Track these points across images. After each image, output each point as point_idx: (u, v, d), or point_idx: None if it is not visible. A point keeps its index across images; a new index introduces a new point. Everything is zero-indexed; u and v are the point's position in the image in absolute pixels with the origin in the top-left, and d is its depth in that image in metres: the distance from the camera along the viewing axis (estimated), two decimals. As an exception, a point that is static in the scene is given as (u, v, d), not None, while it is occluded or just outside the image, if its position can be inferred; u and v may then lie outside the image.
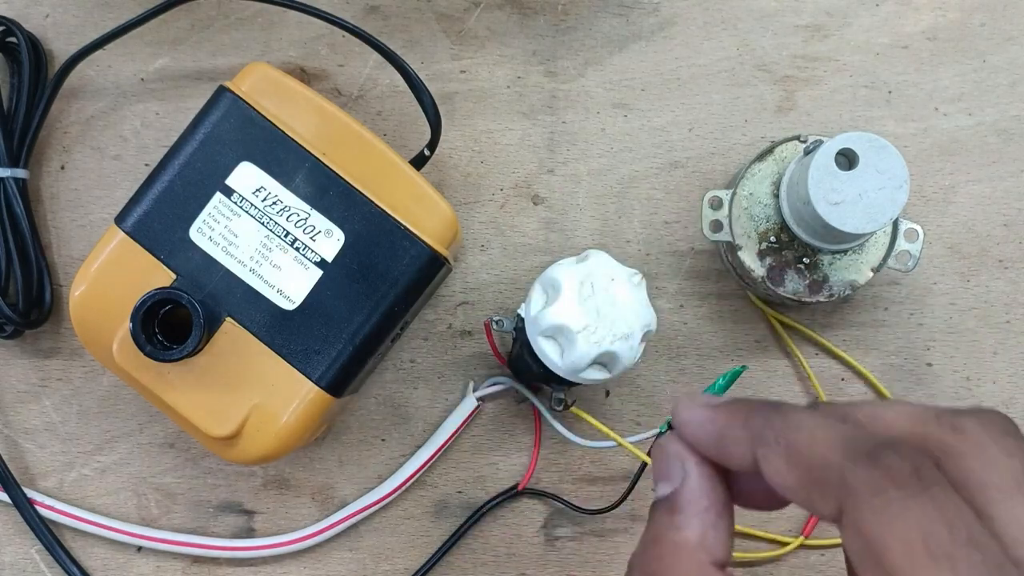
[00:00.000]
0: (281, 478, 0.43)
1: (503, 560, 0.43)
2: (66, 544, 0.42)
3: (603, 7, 0.45)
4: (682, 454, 0.26)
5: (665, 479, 0.26)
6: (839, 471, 0.21)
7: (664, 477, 0.26)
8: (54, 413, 0.43)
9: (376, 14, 0.45)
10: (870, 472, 0.21)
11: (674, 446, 0.26)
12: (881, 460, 0.21)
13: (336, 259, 0.37)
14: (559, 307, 0.34)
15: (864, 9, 0.45)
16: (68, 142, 0.44)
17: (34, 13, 0.45)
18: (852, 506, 0.21)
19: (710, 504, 0.25)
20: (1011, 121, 0.44)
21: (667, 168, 0.44)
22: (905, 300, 0.44)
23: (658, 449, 0.27)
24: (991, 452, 0.22)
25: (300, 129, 0.37)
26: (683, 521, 0.25)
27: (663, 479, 0.26)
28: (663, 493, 0.26)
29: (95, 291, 0.36)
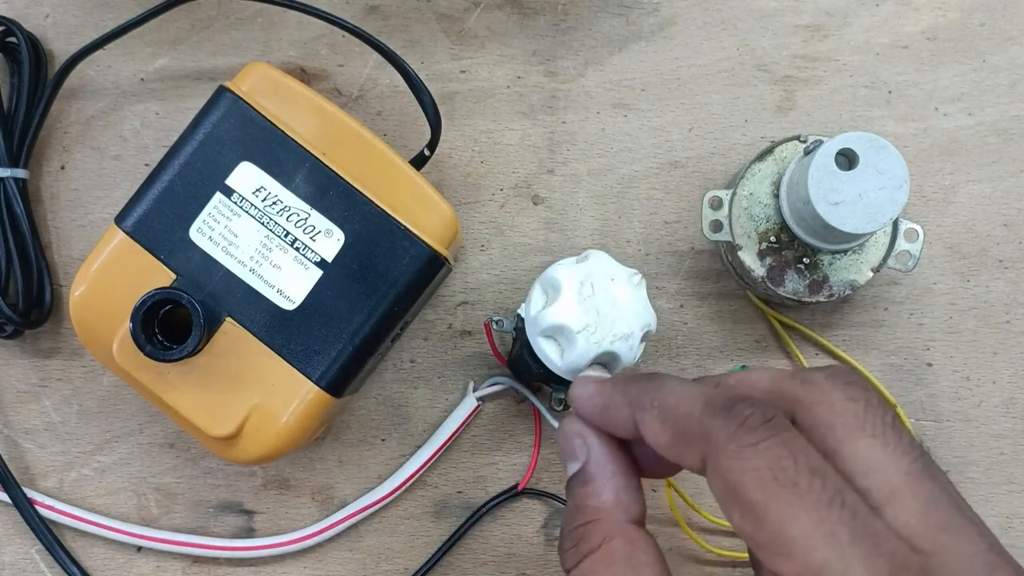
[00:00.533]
0: (281, 478, 0.43)
1: (503, 560, 0.43)
2: (66, 544, 0.42)
3: (603, 7, 0.45)
4: (582, 432, 0.29)
5: (572, 458, 0.29)
6: (700, 424, 0.24)
7: (571, 456, 0.29)
8: (54, 413, 0.43)
9: (376, 14, 0.45)
10: (726, 422, 0.24)
11: (574, 426, 0.29)
12: (735, 412, 0.24)
13: (336, 259, 0.37)
14: (559, 307, 0.34)
15: (864, 9, 0.45)
16: (68, 142, 0.44)
17: (34, 13, 0.45)
18: (712, 453, 0.24)
19: (616, 470, 0.28)
20: (1011, 121, 0.44)
21: (667, 168, 0.44)
22: (905, 300, 0.44)
23: (560, 432, 0.29)
24: (835, 398, 0.25)
25: (300, 129, 0.37)
26: (596, 488, 0.28)
27: (570, 458, 0.29)
28: (573, 470, 0.28)
29: (95, 291, 0.36)
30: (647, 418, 0.26)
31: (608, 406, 0.28)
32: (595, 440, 0.28)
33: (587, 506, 0.27)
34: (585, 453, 0.28)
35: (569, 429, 0.29)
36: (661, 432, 0.26)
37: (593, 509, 0.27)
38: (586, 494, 0.28)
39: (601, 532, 0.26)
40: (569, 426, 0.29)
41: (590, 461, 0.28)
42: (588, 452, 0.28)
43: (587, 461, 0.28)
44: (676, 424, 0.25)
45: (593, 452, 0.28)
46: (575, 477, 0.28)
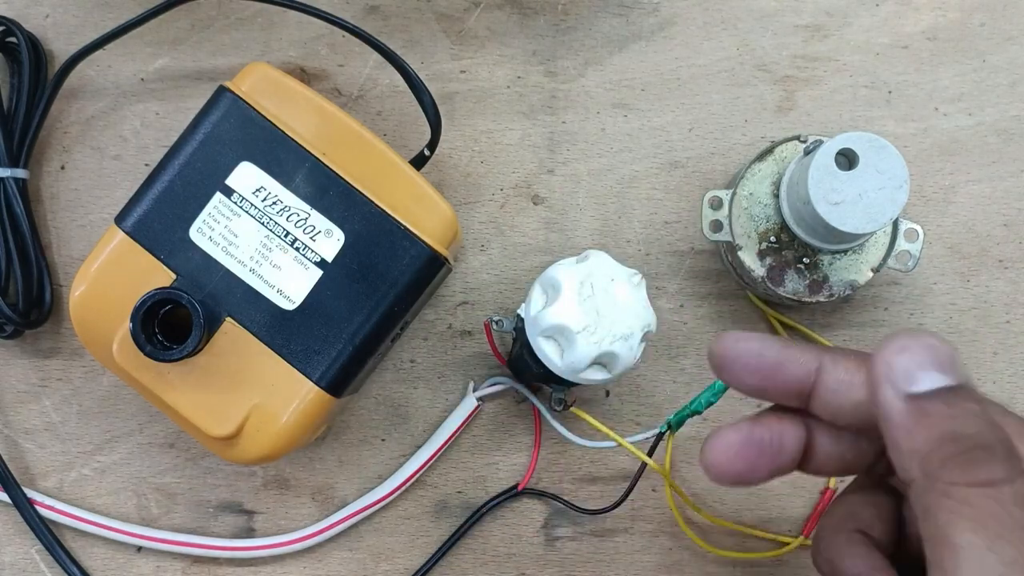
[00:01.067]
0: (281, 478, 0.43)
1: (503, 560, 0.43)
2: (66, 544, 0.42)
3: (603, 7, 0.45)
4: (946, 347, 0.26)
5: (944, 368, 0.25)
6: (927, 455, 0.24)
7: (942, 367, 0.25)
8: (54, 413, 0.43)
9: (376, 14, 0.45)
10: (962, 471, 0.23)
11: (931, 337, 0.26)
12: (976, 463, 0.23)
13: (336, 259, 0.37)
14: (559, 307, 0.34)
15: (864, 9, 0.45)
16: (68, 142, 0.44)
17: (34, 13, 0.45)
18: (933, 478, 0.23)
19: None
20: (1011, 121, 0.44)
21: (667, 168, 0.44)
22: (905, 300, 0.44)
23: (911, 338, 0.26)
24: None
25: (300, 129, 0.37)
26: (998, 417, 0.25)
27: (941, 368, 0.25)
28: (945, 382, 0.25)
29: (95, 291, 0.36)
30: (843, 357, 0.26)
31: (789, 350, 0.27)
32: (965, 368, 0.26)
33: (1001, 426, 0.25)
34: (962, 372, 0.25)
35: (942, 341, 0.26)
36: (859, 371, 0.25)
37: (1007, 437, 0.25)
38: (996, 412, 0.26)
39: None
40: (939, 339, 0.26)
41: (974, 385, 0.26)
42: (965, 374, 0.26)
43: (970, 382, 0.26)
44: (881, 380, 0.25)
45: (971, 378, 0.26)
46: (962, 389, 0.25)
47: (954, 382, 0.25)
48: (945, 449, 0.24)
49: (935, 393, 0.25)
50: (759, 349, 0.28)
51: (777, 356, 0.27)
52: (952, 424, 0.25)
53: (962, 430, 0.25)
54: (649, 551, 0.43)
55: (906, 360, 0.25)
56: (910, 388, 0.25)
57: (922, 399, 0.25)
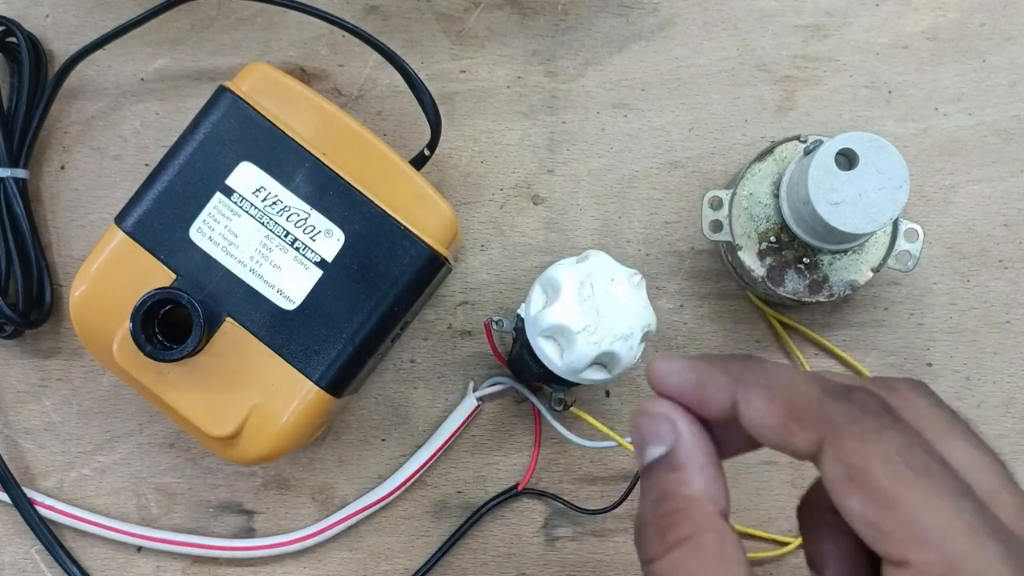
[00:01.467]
0: (281, 478, 0.43)
1: (503, 560, 0.43)
2: (66, 544, 0.42)
3: (603, 7, 0.45)
4: (670, 414, 0.27)
5: (656, 441, 0.27)
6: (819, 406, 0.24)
7: (654, 439, 0.27)
8: (54, 413, 0.43)
9: (376, 14, 0.45)
10: (849, 406, 0.23)
11: (661, 406, 0.27)
12: (855, 397, 0.24)
13: (336, 259, 0.37)
14: (559, 307, 0.34)
15: (864, 9, 0.45)
16: (68, 142, 0.44)
17: (34, 13, 0.45)
18: (833, 435, 0.23)
19: (707, 459, 0.27)
20: (1011, 121, 0.44)
21: (667, 168, 0.44)
22: (905, 300, 0.44)
23: (642, 414, 0.28)
24: (922, 404, 0.25)
25: (300, 129, 0.37)
26: (687, 477, 0.26)
27: (653, 441, 0.27)
28: (656, 454, 0.27)
29: (95, 291, 0.36)
30: (752, 396, 0.25)
31: (705, 383, 0.27)
32: (685, 424, 0.27)
33: (676, 494, 0.26)
34: (673, 437, 0.27)
35: (655, 410, 0.27)
36: (768, 412, 0.25)
37: (683, 498, 0.26)
38: (675, 481, 0.26)
39: (692, 523, 0.25)
40: (655, 407, 0.27)
41: (680, 447, 0.27)
42: (677, 436, 0.27)
43: (676, 446, 0.27)
44: (788, 404, 0.25)
45: (684, 437, 0.27)
46: (659, 462, 0.27)
47: (662, 451, 0.27)
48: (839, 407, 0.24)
49: (644, 469, 0.27)
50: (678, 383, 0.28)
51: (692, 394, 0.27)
52: (640, 504, 0.27)
53: (639, 511, 0.26)
54: (649, 551, 0.43)
55: (635, 435, 0.27)
56: (641, 463, 0.27)
57: (641, 475, 0.27)
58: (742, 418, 0.26)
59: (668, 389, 0.28)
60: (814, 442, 0.24)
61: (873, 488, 0.22)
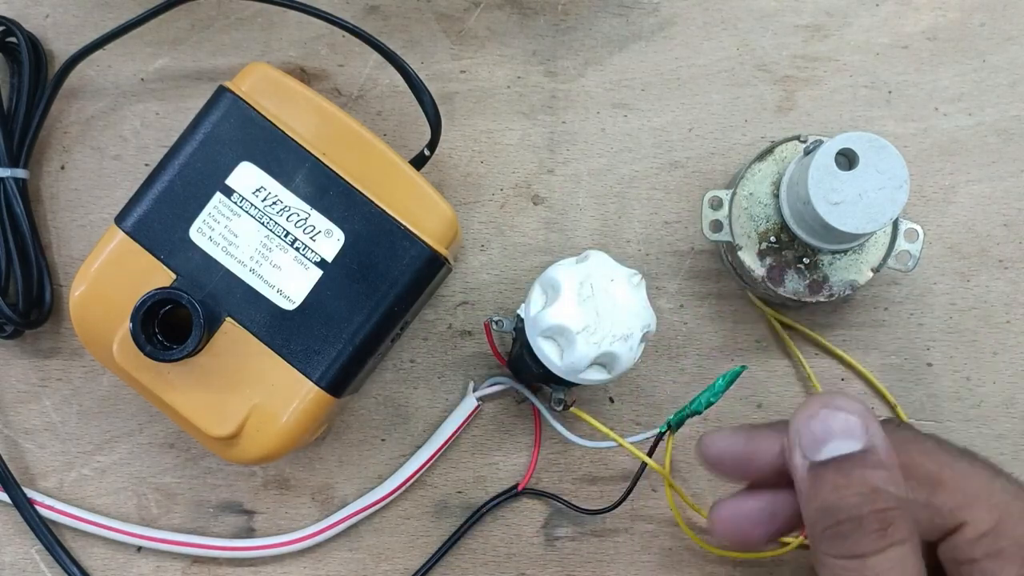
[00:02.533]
0: (281, 478, 0.43)
1: (503, 560, 0.43)
2: (66, 544, 0.42)
3: (603, 7, 0.45)
4: (861, 412, 0.27)
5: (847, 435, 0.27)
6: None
7: (845, 434, 0.27)
8: (54, 413, 0.43)
9: (376, 14, 0.45)
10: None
11: (851, 403, 0.27)
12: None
13: (336, 259, 0.37)
14: (558, 308, 0.34)
15: (864, 9, 0.45)
16: (68, 142, 0.44)
17: (34, 13, 0.45)
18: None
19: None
20: (1011, 121, 0.44)
21: (667, 168, 0.44)
22: (905, 300, 0.44)
23: (826, 406, 0.27)
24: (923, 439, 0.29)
25: (300, 129, 0.37)
26: (897, 478, 0.26)
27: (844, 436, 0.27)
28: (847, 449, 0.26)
29: (95, 291, 0.36)
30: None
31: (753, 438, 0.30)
32: (876, 424, 0.27)
33: (889, 492, 0.26)
34: (867, 436, 0.26)
35: (847, 405, 0.27)
36: None
37: (897, 498, 0.26)
38: (887, 479, 0.26)
39: (908, 524, 0.25)
40: (846, 402, 0.27)
41: (882, 446, 0.26)
42: (871, 435, 0.26)
43: (876, 445, 0.26)
44: None
45: (879, 437, 0.26)
46: (855, 457, 0.26)
47: (858, 447, 0.26)
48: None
49: (832, 462, 0.26)
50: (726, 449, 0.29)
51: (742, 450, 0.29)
52: (832, 496, 0.26)
53: (837, 503, 0.26)
54: (649, 551, 0.43)
55: (813, 427, 0.27)
56: (814, 456, 0.27)
57: (820, 468, 0.27)
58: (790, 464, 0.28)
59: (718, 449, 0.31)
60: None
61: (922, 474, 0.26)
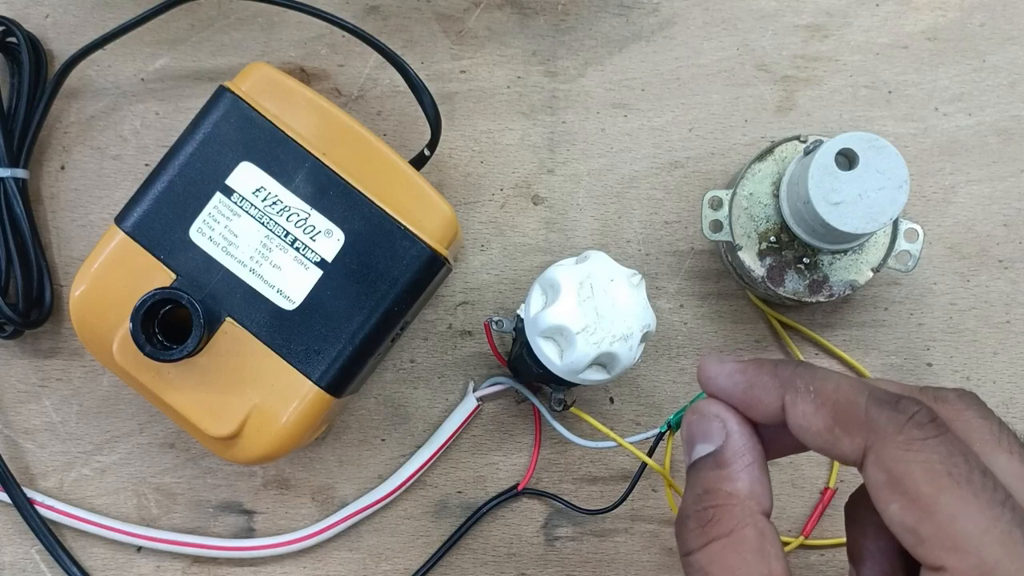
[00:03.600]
0: (281, 478, 0.43)
1: (503, 560, 0.43)
2: (66, 544, 0.42)
3: (603, 7, 0.45)
4: (722, 414, 0.28)
5: (704, 439, 0.28)
6: (866, 413, 0.25)
7: (703, 437, 0.28)
8: (54, 413, 0.43)
9: (376, 14, 0.45)
10: (894, 414, 0.24)
11: (713, 406, 0.28)
12: (902, 406, 0.24)
13: (336, 259, 0.37)
14: (558, 308, 0.34)
15: (864, 9, 0.45)
16: (68, 142, 0.44)
17: (34, 13, 0.45)
18: (877, 442, 0.24)
19: (753, 459, 0.27)
20: (1011, 121, 0.44)
21: (667, 168, 0.44)
22: (905, 300, 0.44)
23: (694, 412, 0.29)
24: (969, 415, 0.26)
25: (300, 129, 0.37)
26: (732, 474, 0.27)
27: (702, 439, 0.28)
28: (704, 451, 0.28)
29: (95, 291, 0.36)
30: (799, 400, 0.26)
31: (754, 386, 0.28)
32: (736, 424, 0.28)
33: (719, 490, 0.27)
34: (723, 436, 0.28)
35: (708, 409, 0.28)
36: (815, 417, 0.26)
37: (726, 494, 0.27)
38: (719, 478, 0.27)
39: (733, 518, 0.26)
40: (708, 407, 0.28)
41: (728, 446, 0.27)
42: (727, 435, 0.28)
43: (725, 444, 0.27)
44: (836, 410, 0.25)
45: (733, 437, 0.28)
46: (707, 459, 0.28)
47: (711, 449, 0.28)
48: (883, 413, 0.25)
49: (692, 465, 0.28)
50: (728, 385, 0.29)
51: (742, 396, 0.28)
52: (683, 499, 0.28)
53: (682, 504, 0.27)
54: (649, 551, 0.43)
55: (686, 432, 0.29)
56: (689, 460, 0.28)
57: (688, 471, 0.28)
58: (789, 421, 0.26)
59: (717, 390, 0.28)
60: (859, 448, 0.25)
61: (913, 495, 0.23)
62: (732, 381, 0.28)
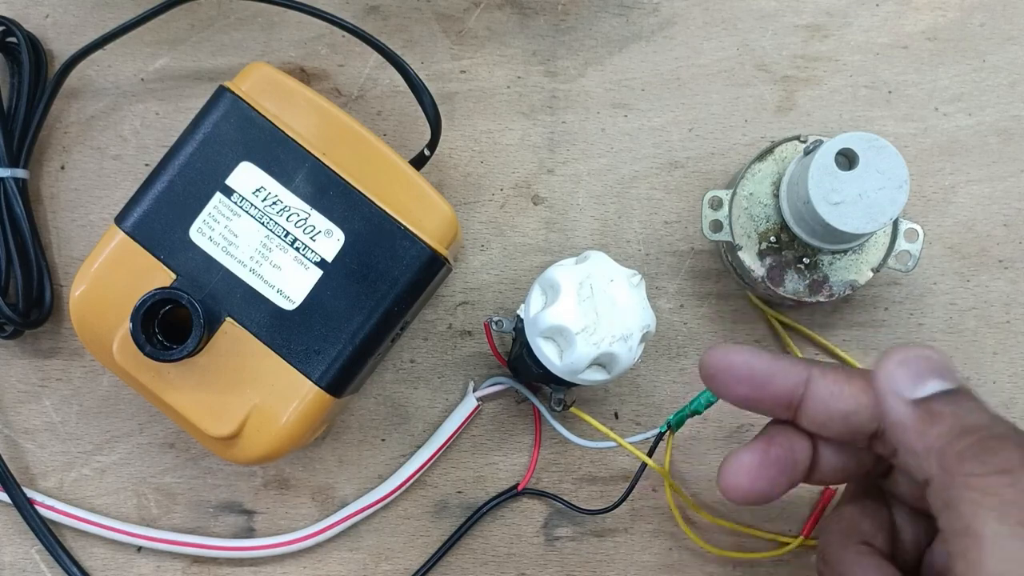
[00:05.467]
0: (281, 478, 0.43)
1: (503, 560, 0.43)
2: (66, 544, 0.42)
3: (603, 7, 0.45)
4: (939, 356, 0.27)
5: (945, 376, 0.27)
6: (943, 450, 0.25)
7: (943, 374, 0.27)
8: (54, 413, 0.43)
9: (376, 14, 0.45)
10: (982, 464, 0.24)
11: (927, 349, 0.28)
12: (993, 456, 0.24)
13: (336, 259, 0.37)
14: (558, 308, 0.34)
15: (864, 9, 0.45)
16: (68, 142, 0.44)
17: (34, 13, 0.45)
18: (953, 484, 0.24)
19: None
20: (1011, 121, 0.44)
21: (667, 168, 0.44)
22: (905, 300, 0.44)
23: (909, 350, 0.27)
24: None
25: (300, 129, 0.37)
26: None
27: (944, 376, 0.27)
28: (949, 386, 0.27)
29: (95, 291, 0.36)
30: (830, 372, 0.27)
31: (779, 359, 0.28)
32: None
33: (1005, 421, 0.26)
34: (956, 379, 0.27)
35: (934, 353, 0.27)
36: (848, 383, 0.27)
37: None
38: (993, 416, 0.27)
39: None
40: (932, 351, 0.28)
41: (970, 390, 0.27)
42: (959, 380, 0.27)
43: (965, 388, 0.27)
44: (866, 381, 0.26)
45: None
46: (958, 392, 0.27)
47: (953, 386, 0.27)
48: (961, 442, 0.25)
49: (939, 396, 0.27)
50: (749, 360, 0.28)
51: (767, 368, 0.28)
52: (963, 419, 0.26)
53: (974, 423, 0.26)
54: (649, 551, 0.43)
55: (907, 371, 0.27)
56: (915, 395, 0.27)
57: (929, 402, 0.26)
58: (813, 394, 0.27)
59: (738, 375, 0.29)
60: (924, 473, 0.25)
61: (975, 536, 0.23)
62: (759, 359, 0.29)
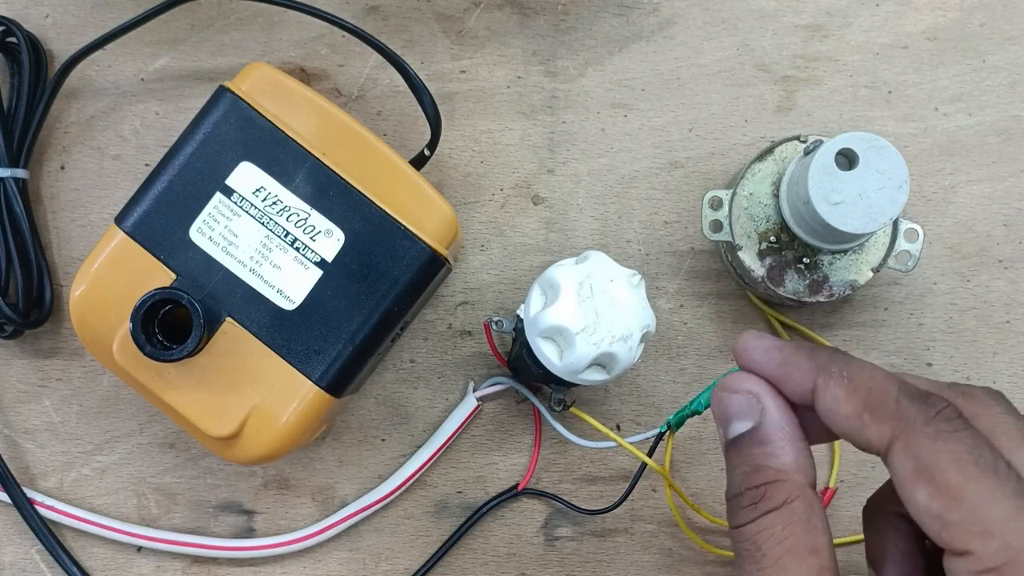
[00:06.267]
0: (281, 478, 0.43)
1: (503, 560, 0.43)
2: (66, 544, 0.42)
3: (603, 7, 0.45)
4: (754, 388, 0.28)
5: (741, 416, 0.28)
6: (896, 404, 0.25)
7: (740, 415, 0.28)
8: (54, 413, 0.43)
9: (376, 14, 0.45)
10: (924, 408, 0.25)
11: (745, 382, 0.28)
12: (932, 401, 0.25)
13: (336, 259, 0.37)
14: (558, 308, 0.34)
15: (864, 9, 0.45)
16: (68, 142, 0.44)
17: (34, 13, 0.45)
18: (908, 432, 0.25)
19: (793, 431, 0.28)
20: (1011, 121, 0.44)
21: (667, 168, 0.44)
22: (905, 300, 0.44)
23: (725, 389, 0.29)
24: (995, 412, 0.26)
25: (300, 129, 0.37)
26: (777, 450, 0.27)
27: (739, 417, 0.28)
28: (742, 428, 0.28)
29: (95, 291, 0.36)
30: (832, 384, 0.27)
31: (789, 364, 0.28)
32: (770, 399, 0.28)
33: (767, 466, 0.27)
34: (759, 413, 0.28)
35: (740, 385, 0.28)
36: (847, 402, 0.26)
37: (774, 470, 0.27)
38: (765, 454, 0.27)
39: (784, 492, 0.27)
40: (740, 382, 0.28)
41: (767, 422, 0.28)
42: (763, 411, 0.28)
43: (763, 420, 0.28)
44: (867, 398, 0.26)
45: (770, 412, 0.28)
46: (745, 436, 0.28)
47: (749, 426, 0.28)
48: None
49: (733, 442, 0.28)
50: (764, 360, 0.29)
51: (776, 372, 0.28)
52: (730, 475, 0.28)
53: (731, 481, 0.28)
54: (649, 551, 0.43)
55: (719, 408, 0.29)
56: (726, 436, 0.29)
57: (728, 447, 0.28)
58: (819, 404, 0.27)
59: (752, 362, 0.29)
60: (887, 436, 0.25)
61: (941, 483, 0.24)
62: (768, 356, 0.28)
